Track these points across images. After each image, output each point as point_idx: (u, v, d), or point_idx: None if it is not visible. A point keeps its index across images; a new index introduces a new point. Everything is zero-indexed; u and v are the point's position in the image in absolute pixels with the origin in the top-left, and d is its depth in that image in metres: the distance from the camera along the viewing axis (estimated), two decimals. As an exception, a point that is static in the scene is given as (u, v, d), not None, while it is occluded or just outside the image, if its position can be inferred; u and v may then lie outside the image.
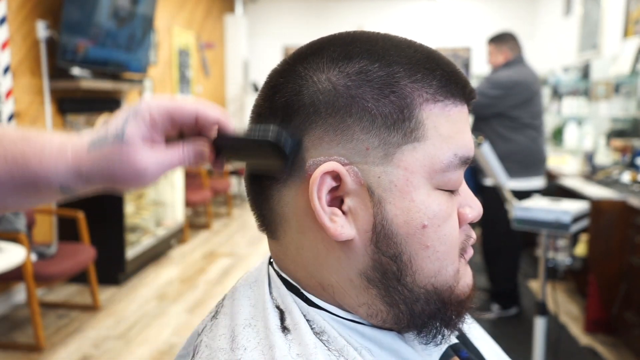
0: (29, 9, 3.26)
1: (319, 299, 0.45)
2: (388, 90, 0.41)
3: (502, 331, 2.90)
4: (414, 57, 0.43)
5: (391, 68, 0.42)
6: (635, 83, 3.58)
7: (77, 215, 3.13)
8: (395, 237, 0.42)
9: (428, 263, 0.43)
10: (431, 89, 0.42)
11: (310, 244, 0.45)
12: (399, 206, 0.42)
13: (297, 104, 0.43)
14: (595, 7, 4.54)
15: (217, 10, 6.67)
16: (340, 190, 0.43)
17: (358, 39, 0.44)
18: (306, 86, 0.43)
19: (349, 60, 0.42)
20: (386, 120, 0.41)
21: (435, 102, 0.42)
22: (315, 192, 0.41)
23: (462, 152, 0.43)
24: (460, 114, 0.44)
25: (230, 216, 5.80)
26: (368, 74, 0.42)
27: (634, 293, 2.53)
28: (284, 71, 0.45)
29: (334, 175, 0.42)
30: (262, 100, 0.46)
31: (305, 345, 0.41)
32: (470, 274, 0.48)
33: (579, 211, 1.96)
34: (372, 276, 0.43)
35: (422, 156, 0.42)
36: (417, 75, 0.42)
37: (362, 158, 0.42)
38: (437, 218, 0.43)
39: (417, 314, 0.44)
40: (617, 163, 3.55)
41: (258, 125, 0.44)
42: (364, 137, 0.41)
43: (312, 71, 0.43)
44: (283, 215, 0.45)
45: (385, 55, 0.42)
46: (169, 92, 5.33)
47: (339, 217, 0.42)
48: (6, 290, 3.13)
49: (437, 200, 0.43)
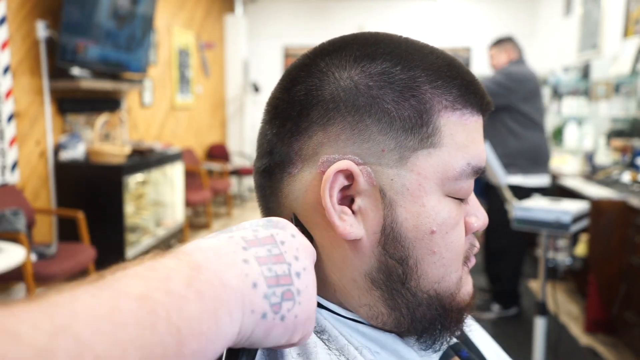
0: (28, 9, 3.26)
1: (321, 296, 0.45)
2: (409, 94, 0.42)
3: (502, 331, 2.89)
4: (435, 63, 0.43)
5: (413, 72, 0.42)
6: (635, 83, 3.58)
7: (77, 215, 3.13)
8: (403, 240, 0.42)
9: (433, 269, 0.43)
10: (451, 96, 0.43)
11: (317, 241, 0.44)
12: (409, 210, 0.42)
13: (316, 98, 0.43)
14: (595, 7, 4.54)
15: (217, 10, 6.67)
16: (352, 189, 0.42)
17: (382, 41, 0.44)
18: (327, 82, 0.43)
19: (372, 61, 0.42)
20: (404, 124, 0.41)
21: (454, 111, 0.43)
22: (327, 190, 0.41)
23: (475, 161, 0.44)
24: (476, 124, 0.45)
25: (230, 216, 5.80)
26: (390, 75, 0.42)
27: (634, 293, 2.53)
28: (305, 65, 0.45)
29: (347, 174, 0.42)
30: (279, 93, 0.46)
31: (305, 345, 0.41)
32: (471, 282, 0.48)
33: (579, 211, 1.96)
34: (376, 278, 0.43)
35: (436, 162, 0.42)
36: (438, 81, 0.42)
37: (376, 159, 0.42)
38: (446, 225, 0.43)
39: (418, 318, 0.44)
40: (617, 163, 3.55)
41: None
42: (381, 139, 0.41)
43: (335, 67, 0.43)
44: (291, 210, 0.45)
45: (408, 58, 0.43)
46: (168, 92, 5.33)
47: (348, 216, 0.42)
48: (6, 291, 3.13)
49: (447, 208, 0.43)
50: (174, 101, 5.44)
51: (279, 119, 0.45)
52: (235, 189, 6.74)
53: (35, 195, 3.36)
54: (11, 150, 3.10)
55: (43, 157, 3.43)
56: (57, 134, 3.56)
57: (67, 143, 3.52)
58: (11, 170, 3.11)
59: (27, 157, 3.28)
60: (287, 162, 0.44)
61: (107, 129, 4.12)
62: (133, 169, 3.69)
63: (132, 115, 4.56)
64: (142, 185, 4.25)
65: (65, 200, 3.51)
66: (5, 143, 3.06)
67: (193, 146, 5.86)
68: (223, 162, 6.22)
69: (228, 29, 6.89)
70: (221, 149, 6.49)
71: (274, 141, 0.45)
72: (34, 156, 3.35)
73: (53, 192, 3.51)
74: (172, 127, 5.41)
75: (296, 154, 0.44)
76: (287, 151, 0.44)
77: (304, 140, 0.43)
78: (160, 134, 5.13)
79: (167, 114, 5.29)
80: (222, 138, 6.94)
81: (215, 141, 6.65)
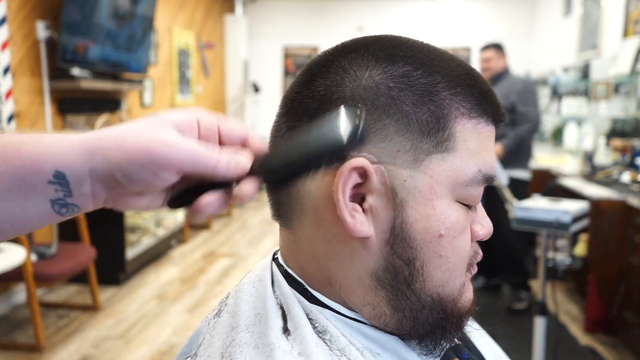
0: (29, 9, 3.26)
1: (324, 295, 0.46)
2: (428, 98, 0.42)
3: (502, 331, 2.90)
4: (455, 70, 0.44)
5: (433, 77, 0.43)
6: (635, 83, 3.58)
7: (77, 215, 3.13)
8: (412, 241, 0.43)
9: (439, 272, 0.44)
10: (468, 104, 0.43)
11: (325, 237, 0.45)
12: (419, 212, 0.42)
13: (336, 95, 0.43)
14: (595, 7, 4.54)
15: (217, 10, 6.67)
16: (364, 187, 0.43)
17: (404, 44, 0.45)
18: (349, 79, 0.43)
19: (394, 63, 0.43)
20: (422, 127, 0.42)
21: (470, 119, 0.44)
22: (340, 185, 0.42)
23: (486, 169, 0.44)
24: (489, 133, 0.45)
25: (230, 216, 5.80)
26: (411, 79, 0.42)
27: (633, 293, 2.54)
28: (326, 62, 0.45)
29: (361, 172, 0.42)
30: (298, 87, 0.46)
31: (306, 345, 0.41)
32: (472, 290, 0.49)
33: (578, 211, 1.96)
34: (382, 277, 0.44)
35: (449, 167, 0.43)
36: (457, 89, 0.43)
37: (391, 159, 0.42)
38: (454, 230, 0.44)
39: (420, 321, 0.44)
40: (617, 163, 3.55)
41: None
42: (398, 139, 0.42)
43: (356, 66, 0.44)
44: (301, 205, 0.45)
45: (429, 64, 0.43)
46: (169, 92, 5.33)
47: (359, 214, 0.43)
48: (6, 291, 3.13)
49: (456, 213, 0.44)
50: (174, 101, 5.44)
51: (295, 113, 0.45)
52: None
53: (36, 196, 3.36)
54: (11, 151, 3.10)
55: (43, 157, 3.43)
56: (57, 134, 3.56)
57: (67, 143, 3.52)
58: (11, 170, 3.11)
59: (27, 157, 3.28)
60: None
61: (107, 129, 4.12)
62: (133, 169, 3.68)
63: (132, 115, 4.56)
64: (142, 185, 4.24)
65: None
66: (5, 143, 3.05)
67: (193, 146, 5.86)
68: (223, 162, 6.21)
69: (228, 29, 6.89)
70: (221, 149, 6.49)
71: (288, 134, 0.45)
72: (34, 156, 3.35)
73: (53, 192, 3.51)
74: (172, 127, 5.41)
75: None
76: None
77: None
78: (160, 134, 5.13)
79: (167, 114, 5.29)
80: (222, 138, 6.94)
81: (215, 141, 6.65)
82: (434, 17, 6.98)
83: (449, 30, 6.95)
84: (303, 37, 7.14)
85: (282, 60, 7.30)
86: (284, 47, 7.25)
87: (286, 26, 7.25)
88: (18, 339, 2.78)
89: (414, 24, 6.98)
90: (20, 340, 2.76)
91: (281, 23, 7.26)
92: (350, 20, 7.03)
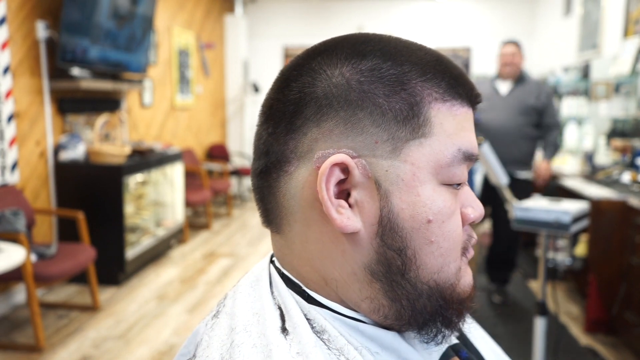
0: (28, 9, 3.26)
1: (321, 295, 0.46)
2: (399, 88, 0.43)
3: (502, 331, 2.90)
4: (424, 58, 0.44)
5: (402, 67, 0.43)
6: (635, 83, 3.58)
7: (77, 215, 3.13)
8: (400, 230, 0.43)
9: (432, 258, 0.44)
10: (440, 89, 0.44)
11: (316, 237, 0.45)
12: (405, 200, 0.43)
13: (309, 96, 0.44)
14: (595, 7, 4.54)
15: (217, 10, 6.67)
16: (348, 182, 0.43)
17: (371, 40, 0.45)
18: (320, 79, 0.44)
19: (362, 58, 0.44)
20: (396, 115, 0.42)
21: (444, 102, 0.44)
22: (323, 183, 0.42)
23: (465, 147, 0.44)
24: (465, 115, 0.46)
25: (230, 216, 5.80)
26: (381, 71, 0.43)
27: (633, 293, 2.53)
28: (298, 66, 0.46)
29: (343, 168, 0.43)
30: (274, 93, 0.47)
31: (305, 344, 0.41)
32: (471, 274, 0.48)
33: (579, 211, 1.96)
34: (376, 270, 0.44)
35: (428, 152, 0.43)
36: (427, 75, 0.43)
37: (370, 151, 0.42)
38: (442, 214, 0.43)
39: (418, 310, 0.44)
40: (617, 163, 3.55)
41: None
42: (374, 131, 0.42)
43: (326, 66, 0.44)
44: (289, 208, 0.46)
45: (397, 55, 0.44)
46: (168, 92, 5.33)
47: (345, 209, 0.43)
48: (6, 291, 3.13)
49: (442, 197, 0.44)
50: (174, 101, 5.44)
51: (273, 119, 0.46)
52: (235, 189, 6.74)
53: (35, 196, 3.36)
54: (11, 151, 3.10)
55: (43, 157, 3.43)
56: (57, 134, 3.57)
57: (67, 143, 3.52)
58: (11, 170, 3.11)
59: (27, 158, 3.28)
60: (283, 160, 0.45)
61: (107, 129, 4.12)
62: (133, 169, 3.69)
63: (132, 115, 4.56)
64: (142, 185, 4.25)
65: (65, 201, 3.51)
66: (5, 143, 3.06)
67: (193, 146, 5.87)
68: (223, 162, 6.22)
69: (228, 29, 6.89)
70: (221, 149, 6.49)
71: (269, 142, 0.46)
72: (34, 156, 3.35)
73: (53, 192, 3.52)
74: (172, 127, 5.41)
75: (292, 152, 0.45)
76: (282, 150, 0.45)
77: (298, 138, 0.44)
78: (160, 134, 5.13)
79: (167, 114, 5.29)
80: (222, 138, 6.94)
81: (215, 141, 6.65)
82: (434, 17, 6.98)
83: (449, 30, 6.95)
84: (303, 37, 7.14)
85: (282, 60, 7.30)
86: (284, 47, 7.25)
87: (286, 26, 7.25)
88: (18, 339, 2.77)
89: (414, 24, 6.98)
90: (20, 340, 2.76)
91: (281, 23, 7.26)
92: (350, 20, 7.03)
